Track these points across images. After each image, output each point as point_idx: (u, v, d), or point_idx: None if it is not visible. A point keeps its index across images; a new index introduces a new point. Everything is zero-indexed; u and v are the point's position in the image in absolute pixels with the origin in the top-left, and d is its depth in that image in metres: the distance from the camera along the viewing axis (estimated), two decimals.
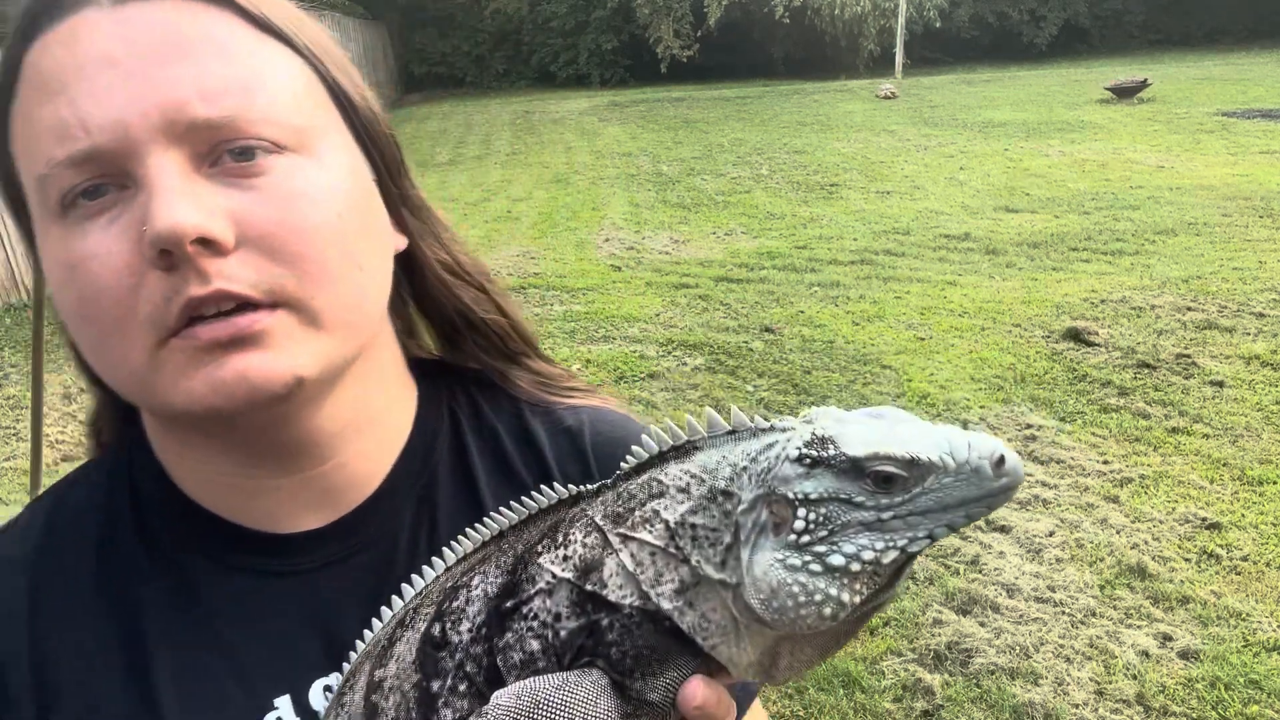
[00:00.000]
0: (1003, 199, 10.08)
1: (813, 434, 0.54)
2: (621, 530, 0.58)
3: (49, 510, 0.78)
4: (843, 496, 0.52)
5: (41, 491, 0.80)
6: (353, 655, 0.69)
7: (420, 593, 0.66)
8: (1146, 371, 5.49)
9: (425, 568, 0.67)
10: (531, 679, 0.57)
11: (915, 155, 12.74)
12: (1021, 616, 3.47)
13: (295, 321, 0.65)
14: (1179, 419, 4.92)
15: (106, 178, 0.63)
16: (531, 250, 8.87)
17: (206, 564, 0.74)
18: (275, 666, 0.71)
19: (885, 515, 0.52)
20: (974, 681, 3.16)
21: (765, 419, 0.57)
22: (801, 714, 3.04)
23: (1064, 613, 3.49)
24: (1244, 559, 3.77)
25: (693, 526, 0.56)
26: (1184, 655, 3.25)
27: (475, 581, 0.62)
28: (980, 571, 3.74)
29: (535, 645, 0.58)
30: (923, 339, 6.23)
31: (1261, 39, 24.46)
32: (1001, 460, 0.51)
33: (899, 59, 23.25)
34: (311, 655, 0.72)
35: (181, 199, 0.61)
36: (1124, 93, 16.23)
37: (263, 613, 0.73)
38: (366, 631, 0.68)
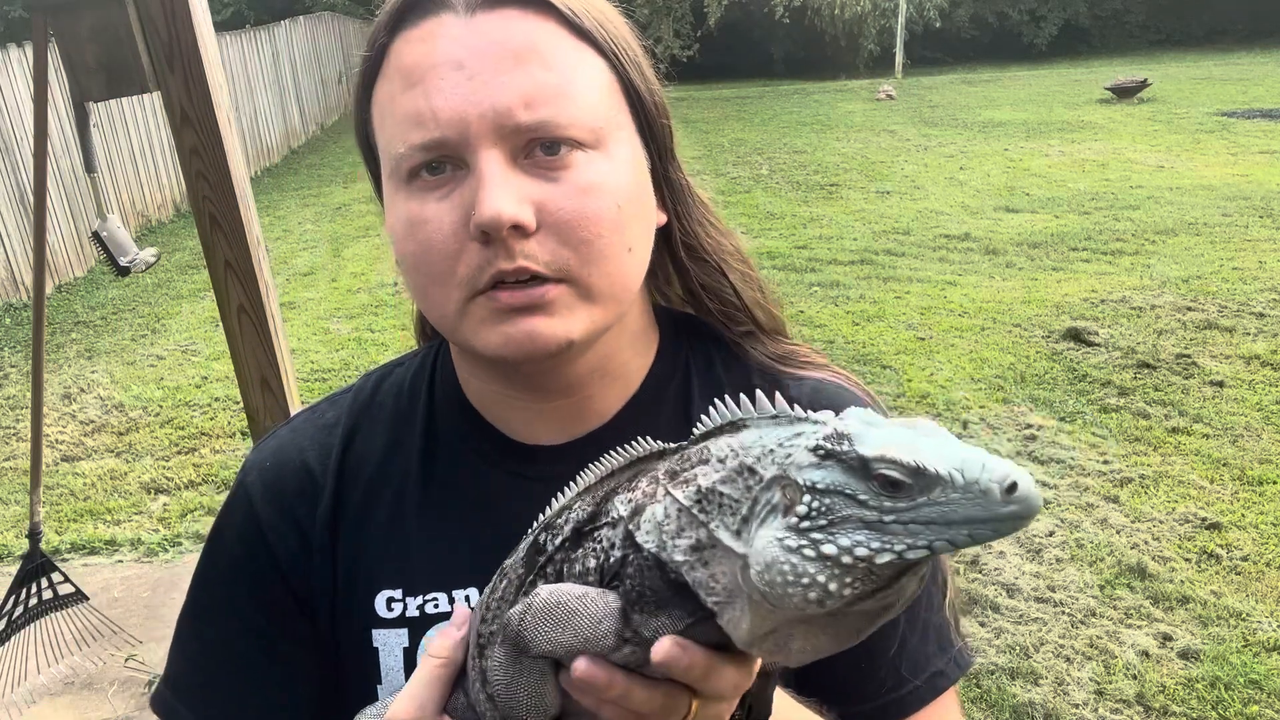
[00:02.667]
0: (1003, 199, 10.08)
1: (834, 429, 0.57)
2: (667, 485, 0.65)
3: (378, 380, 1.01)
4: (848, 492, 0.54)
5: (40, 490, 0.85)
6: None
7: (555, 510, 0.78)
8: (1146, 371, 5.49)
9: (560, 491, 0.78)
10: (569, 583, 0.68)
11: (915, 155, 12.74)
12: (1021, 616, 3.47)
13: (573, 294, 0.80)
14: (1179, 419, 4.92)
15: (446, 159, 0.79)
16: None
17: (469, 455, 0.93)
18: (500, 550, 0.84)
19: (886, 518, 0.53)
20: (974, 681, 3.16)
21: (805, 413, 0.62)
22: None
23: (1064, 613, 3.49)
24: (1244, 559, 3.77)
25: (720, 494, 0.60)
26: (1184, 655, 3.25)
27: (575, 506, 0.73)
28: (980, 571, 3.74)
29: (592, 563, 0.68)
30: (923, 339, 6.22)
31: (1261, 39, 24.45)
32: (1013, 487, 0.52)
33: (899, 59, 23.25)
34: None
35: (503, 192, 0.76)
36: (1124, 93, 16.23)
37: (500, 503, 0.89)
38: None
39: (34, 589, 3.29)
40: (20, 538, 4.38)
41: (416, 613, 0.88)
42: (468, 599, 0.87)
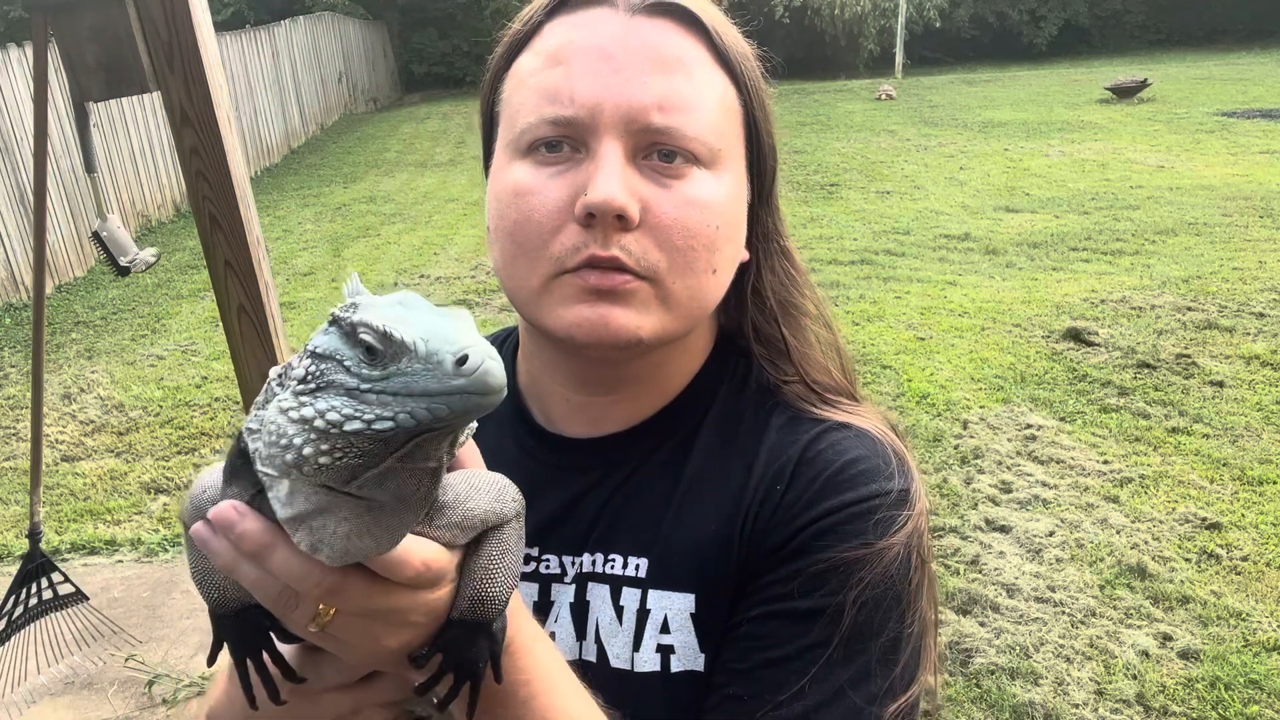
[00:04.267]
0: (1003, 199, 10.07)
1: (345, 302, 0.57)
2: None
3: None
4: (338, 357, 0.54)
5: (40, 490, 0.87)
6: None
7: None
8: (1146, 371, 5.49)
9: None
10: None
11: (915, 155, 12.74)
12: (1021, 616, 3.47)
13: (654, 295, 0.81)
14: (1179, 419, 4.91)
15: (568, 140, 0.80)
16: None
17: (507, 439, 0.95)
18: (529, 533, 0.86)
19: (364, 386, 0.53)
20: (974, 681, 3.16)
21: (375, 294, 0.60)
22: None
23: (1064, 613, 3.49)
24: (1244, 559, 3.77)
25: (290, 367, 0.58)
26: (1184, 655, 3.25)
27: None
28: (980, 571, 3.74)
29: None
30: (923, 339, 6.22)
31: (1261, 39, 24.45)
32: (464, 360, 0.51)
33: (899, 59, 23.25)
34: (564, 533, 0.91)
35: (617, 181, 0.78)
36: (1124, 93, 16.22)
37: (530, 490, 0.85)
38: None
39: (34, 589, 3.29)
40: (20, 538, 4.38)
41: None
42: None
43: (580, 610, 0.88)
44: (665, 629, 0.85)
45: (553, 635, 0.88)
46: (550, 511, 0.91)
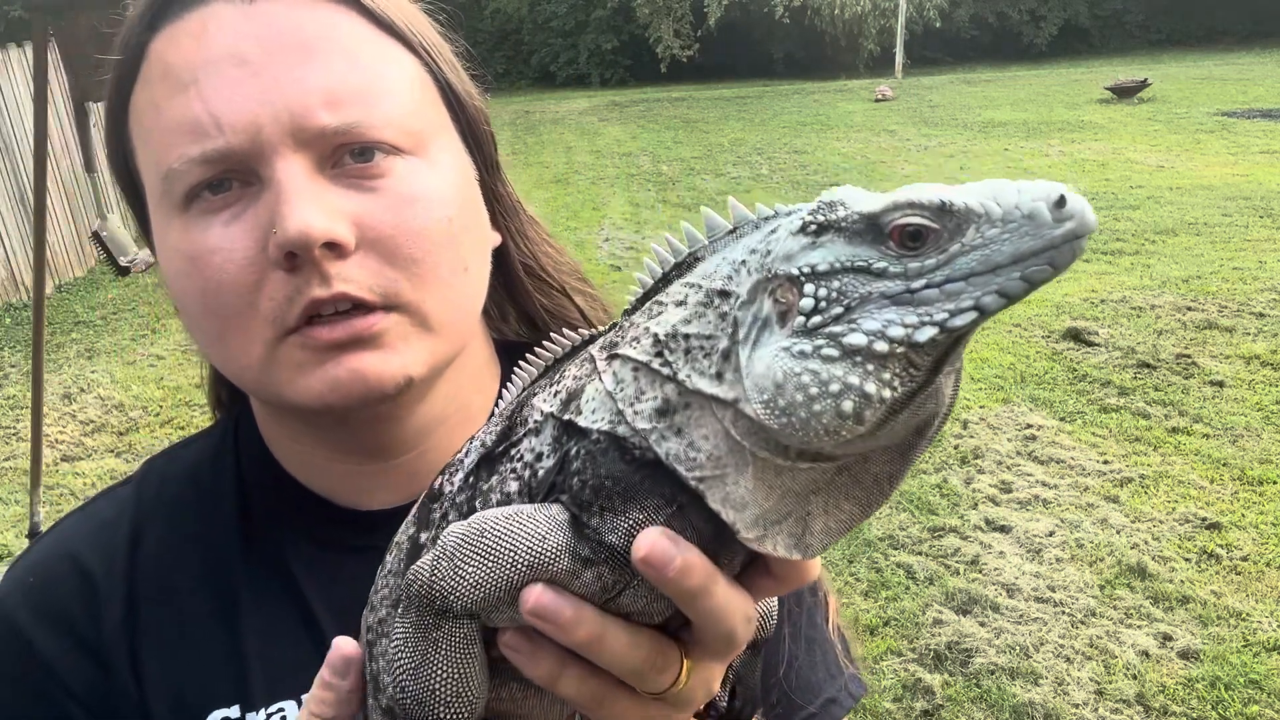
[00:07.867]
0: None
1: (819, 202, 0.45)
2: (610, 354, 0.50)
3: (164, 468, 0.84)
4: (860, 264, 0.42)
5: (40, 490, 0.84)
6: None
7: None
8: (1146, 371, 5.49)
9: None
10: (488, 510, 0.51)
11: (915, 155, 12.74)
12: (1021, 616, 3.47)
13: (407, 323, 0.67)
14: (1179, 419, 4.91)
15: (232, 174, 0.65)
16: None
17: (295, 535, 0.78)
18: (350, 634, 0.73)
19: (916, 284, 0.42)
20: (974, 681, 3.16)
21: (772, 209, 0.48)
22: None
23: (1064, 613, 3.49)
24: (1244, 559, 3.77)
25: (685, 337, 0.46)
26: (1184, 655, 3.25)
27: (479, 433, 0.57)
28: (980, 571, 3.74)
29: (514, 486, 0.52)
30: None
31: (1261, 39, 24.45)
32: (1061, 201, 0.42)
33: (899, 59, 23.25)
34: None
35: (310, 204, 0.63)
36: (1124, 93, 16.22)
37: (341, 583, 0.76)
38: None
39: None
40: (20, 538, 4.38)
41: None
42: None
43: None
44: None
45: None
46: None
